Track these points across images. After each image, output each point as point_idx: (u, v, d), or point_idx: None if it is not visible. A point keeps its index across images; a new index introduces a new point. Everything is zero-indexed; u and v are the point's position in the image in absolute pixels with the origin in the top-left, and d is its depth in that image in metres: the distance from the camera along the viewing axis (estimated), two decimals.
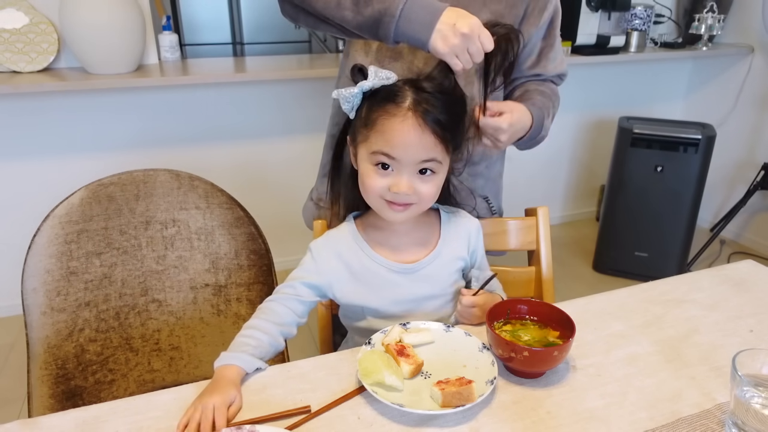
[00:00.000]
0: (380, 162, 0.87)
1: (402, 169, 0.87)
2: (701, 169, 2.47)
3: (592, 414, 0.75)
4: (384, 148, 0.86)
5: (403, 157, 0.86)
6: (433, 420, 0.74)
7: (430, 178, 0.89)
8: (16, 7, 2.01)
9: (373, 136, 0.87)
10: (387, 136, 0.85)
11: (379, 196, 0.89)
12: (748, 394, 0.68)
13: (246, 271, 1.17)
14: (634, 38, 2.75)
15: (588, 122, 3.12)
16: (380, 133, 0.86)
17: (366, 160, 0.89)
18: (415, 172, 0.88)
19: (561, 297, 1.06)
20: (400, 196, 0.88)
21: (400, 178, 0.87)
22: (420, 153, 0.86)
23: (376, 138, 0.86)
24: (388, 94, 0.87)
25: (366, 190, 0.91)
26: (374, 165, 0.88)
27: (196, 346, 1.18)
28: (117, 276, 1.11)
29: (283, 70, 2.34)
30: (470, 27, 0.87)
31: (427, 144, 0.86)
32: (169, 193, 1.13)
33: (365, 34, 0.93)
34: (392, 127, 0.85)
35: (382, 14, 0.88)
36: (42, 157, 2.22)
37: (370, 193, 0.90)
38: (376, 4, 0.88)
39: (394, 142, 0.85)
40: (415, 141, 0.85)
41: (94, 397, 1.10)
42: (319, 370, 0.84)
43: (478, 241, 1.03)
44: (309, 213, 1.28)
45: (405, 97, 0.86)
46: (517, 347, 0.78)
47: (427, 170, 0.88)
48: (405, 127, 0.84)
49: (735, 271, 1.12)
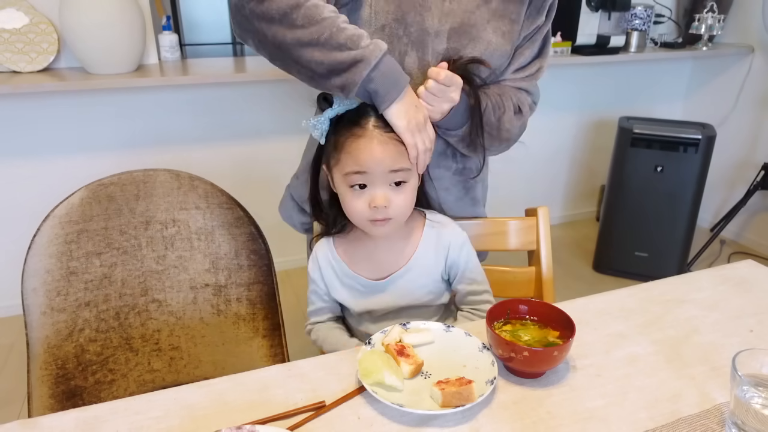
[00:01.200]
0: (355, 183, 0.91)
1: (375, 182, 0.91)
2: (701, 169, 2.47)
3: (592, 414, 0.75)
4: (354, 167, 0.89)
5: (373, 170, 0.89)
6: (433, 420, 0.74)
7: (403, 189, 0.93)
8: (16, 7, 2.01)
9: (344, 158, 0.91)
10: (355, 155, 0.89)
11: (364, 219, 0.93)
12: (748, 394, 0.68)
13: (246, 271, 1.17)
14: (634, 38, 2.76)
15: (588, 122, 3.12)
16: (349, 154, 0.90)
17: (342, 183, 0.93)
18: (388, 184, 0.91)
19: (561, 297, 1.06)
20: (379, 211, 0.91)
21: (375, 192, 0.91)
22: (387, 163, 0.89)
23: (346, 160, 0.90)
24: (352, 117, 0.91)
25: (350, 214, 0.95)
26: (350, 187, 0.92)
27: (196, 346, 1.18)
28: (117, 276, 1.11)
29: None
30: (425, 116, 0.92)
31: (393, 154, 0.90)
32: (169, 193, 1.13)
33: (330, 77, 0.89)
34: (359, 147, 0.89)
35: (357, 60, 0.86)
36: (42, 157, 2.22)
37: (355, 216, 0.94)
38: (352, 49, 0.87)
39: (362, 160, 0.89)
40: (382, 154, 0.89)
41: (94, 397, 1.10)
42: (319, 370, 0.84)
43: (461, 254, 1.03)
44: (288, 212, 1.29)
45: (368, 117, 0.91)
46: (517, 347, 0.78)
47: (400, 182, 0.92)
48: (371, 144, 0.89)
49: (735, 271, 1.12)
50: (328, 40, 0.86)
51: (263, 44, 0.93)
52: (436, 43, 1.01)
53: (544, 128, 2.99)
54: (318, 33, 0.86)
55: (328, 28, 0.86)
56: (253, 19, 0.90)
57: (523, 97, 1.11)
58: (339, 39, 0.86)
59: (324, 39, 0.86)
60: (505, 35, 1.03)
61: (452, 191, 1.15)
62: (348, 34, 0.87)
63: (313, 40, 0.87)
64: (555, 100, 2.96)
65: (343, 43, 0.86)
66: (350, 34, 0.87)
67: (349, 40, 0.86)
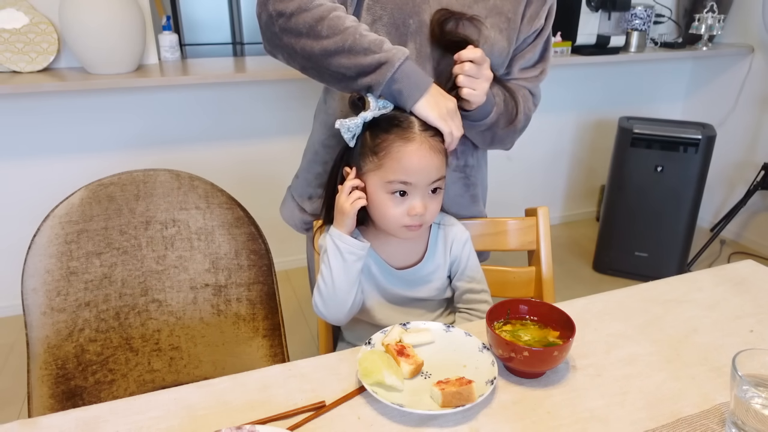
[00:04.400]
0: (397, 190, 0.90)
1: (416, 192, 0.91)
2: (701, 169, 2.47)
3: (592, 414, 0.75)
4: (401, 177, 0.89)
5: (419, 180, 0.89)
6: (433, 420, 0.74)
7: (438, 195, 0.94)
8: (16, 7, 2.01)
9: (388, 164, 0.89)
10: (404, 163, 0.88)
11: (399, 225, 0.93)
12: (748, 394, 0.68)
13: (246, 271, 1.17)
14: (634, 38, 2.75)
15: (588, 122, 3.12)
16: (395, 161, 0.88)
17: (380, 189, 0.91)
18: (427, 193, 0.92)
19: (561, 297, 1.06)
20: (417, 218, 0.91)
21: (415, 201, 0.91)
22: (433, 174, 0.90)
23: (391, 166, 0.89)
24: (392, 121, 0.90)
25: (386, 219, 0.93)
26: (390, 194, 0.91)
27: (196, 346, 1.18)
28: (117, 276, 1.11)
29: (283, 70, 2.34)
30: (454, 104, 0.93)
31: (438, 164, 0.91)
32: (169, 193, 1.13)
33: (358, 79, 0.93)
34: (409, 154, 0.88)
35: (381, 62, 0.90)
36: (42, 157, 2.22)
37: (390, 221, 0.93)
38: (376, 53, 0.91)
39: (412, 169, 0.88)
40: (430, 164, 0.89)
41: (94, 397, 1.10)
42: (319, 370, 0.84)
43: (463, 250, 1.05)
44: (289, 212, 1.29)
45: (411, 122, 0.90)
46: (517, 347, 0.78)
47: (436, 189, 0.93)
48: (421, 153, 0.88)
49: (735, 271, 1.12)
50: (352, 46, 0.90)
51: (293, 57, 0.97)
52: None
53: (544, 128, 2.99)
54: (343, 41, 0.91)
55: (351, 35, 0.90)
56: (283, 35, 0.94)
57: (527, 94, 1.12)
58: (363, 44, 0.90)
59: (349, 45, 0.90)
60: (502, 32, 1.04)
61: (452, 188, 1.16)
62: (371, 39, 0.91)
63: (339, 48, 0.91)
64: (555, 99, 2.96)
65: (368, 47, 0.90)
66: (373, 39, 0.91)
67: (372, 44, 0.90)
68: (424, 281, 1.04)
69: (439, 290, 1.06)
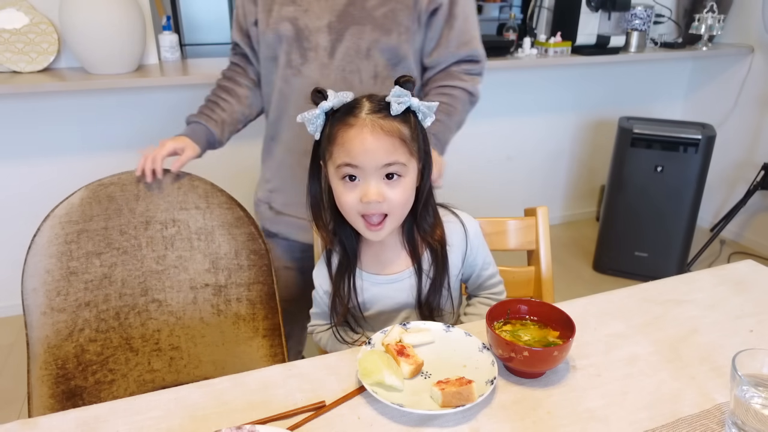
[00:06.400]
0: (346, 174, 0.88)
1: (367, 176, 0.87)
2: (701, 169, 2.47)
3: (592, 414, 0.75)
4: (346, 159, 0.87)
5: (364, 163, 0.86)
6: (433, 420, 0.74)
7: (398, 183, 0.89)
8: (16, 7, 2.01)
9: (336, 150, 0.88)
10: (347, 146, 0.86)
11: (355, 213, 0.90)
12: (748, 394, 0.68)
13: (246, 271, 1.17)
14: (634, 38, 2.75)
15: (588, 122, 3.12)
16: (340, 145, 0.87)
17: (334, 176, 0.90)
18: (381, 178, 0.88)
19: (561, 297, 1.06)
20: (371, 206, 0.88)
21: (367, 186, 0.87)
22: (381, 157, 0.86)
23: (338, 151, 0.88)
24: (347, 109, 0.89)
25: (342, 208, 0.92)
26: (341, 179, 0.89)
27: (196, 346, 1.18)
28: (117, 276, 1.11)
29: None
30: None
31: (387, 146, 0.86)
32: (169, 193, 1.13)
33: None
34: (350, 136, 0.86)
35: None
36: (42, 157, 2.22)
37: (347, 210, 0.91)
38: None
39: (353, 151, 0.86)
40: (374, 145, 0.85)
41: (94, 397, 1.10)
42: (319, 370, 0.84)
43: (472, 247, 1.02)
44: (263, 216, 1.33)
45: (361, 107, 0.88)
46: (517, 347, 0.78)
47: (393, 174, 0.88)
48: (363, 134, 0.85)
49: (735, 271, 1.12)
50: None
51: None
52: (320, 38, 1.15)
53: (544, 128, 2.99)
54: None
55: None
56: None
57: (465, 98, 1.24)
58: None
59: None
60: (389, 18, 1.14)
61: None
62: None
63: None
64: (555, 99, 2.96)
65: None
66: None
67: None
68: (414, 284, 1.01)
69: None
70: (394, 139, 0.86)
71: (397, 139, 0.87)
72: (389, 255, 1.00)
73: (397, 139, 0.87)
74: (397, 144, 0.87)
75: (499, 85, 2.81)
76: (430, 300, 1.00)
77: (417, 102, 0.88)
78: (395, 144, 0.87)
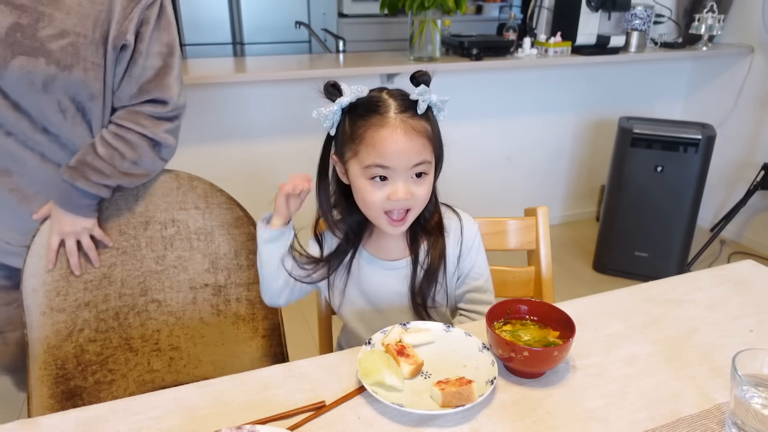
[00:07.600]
0: (376, 175, 0.88)
1: (397, 176, 0.88)
2: (701, 169, 2.47)
3: (592, 414, 0.75)
4: (377, 160, 0.87)
5: (397, 165, 0.87)
6: (433, 420, 0.74)
7: (424, 180, 0.91)
8: None
9: (363, 150, 0.87)
10: (379, 148, 0.86)
11: (380, 209, 0.91)
12: (748, 394, 0.68)
13: (246, 271, 1.17)
14: (634, 38, 2.76)
15: (588, 122, 3.12)
16: (371, 146, 0.87)
17: (360, 175, 0.90)
18: (409, 177, 0.89)
19: (561, 297, 1.06)
20: (399, 203, 0.89)
21: (396, 186, 0.88)
22: (412, 157, 0.87)
23: (367, 152, 0.87)
24: (369, 106, 0.88)
25: (366, 205, 0.92)
26: (370, 179, 0.89)
27: (196, 346, 1.18)
28: (116, 276, 1.11)
29: (283, 70, 2.34)
30: None
31: (417, 147, 0.87)
32: (168, 193, 1.13)
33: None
34: (382, 138, 0.86)
35: None
36: None
37: (371, 207, 0.91)
38: None
39: (386, 153, 0.86)
40: (407, 147, 0.86)
41: (94, 397, 1.10)
42: (319, 370, 0.84)
43: (467, 242, 1.03)
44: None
45: (388, 106, 0.87)
46: (517, 347, 0.78)
47: (421, 173, 0.90)
48: (395, 136, 0.86)
49: (735, 271, 1.12)
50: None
51: None
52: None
53: (544, 128, 2.99)
54: None
55: None
56: None
57: (144, 145, 1.06)
58: None
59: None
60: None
61: None
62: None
63: None
64: (555, 99, 2.96)
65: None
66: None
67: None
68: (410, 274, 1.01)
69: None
70: (424, 139, 0.88)
71: (425, 139, 0.88)
72: (390, 244, 1.01)
73: (425, 139, 0.88)
74: (426, 143, 0.89)
75: (499, 85, 2.81)
76: (423, 289, 1.00)
77: (435, 97, 0.89)
78: (424, 144, 0.88)
